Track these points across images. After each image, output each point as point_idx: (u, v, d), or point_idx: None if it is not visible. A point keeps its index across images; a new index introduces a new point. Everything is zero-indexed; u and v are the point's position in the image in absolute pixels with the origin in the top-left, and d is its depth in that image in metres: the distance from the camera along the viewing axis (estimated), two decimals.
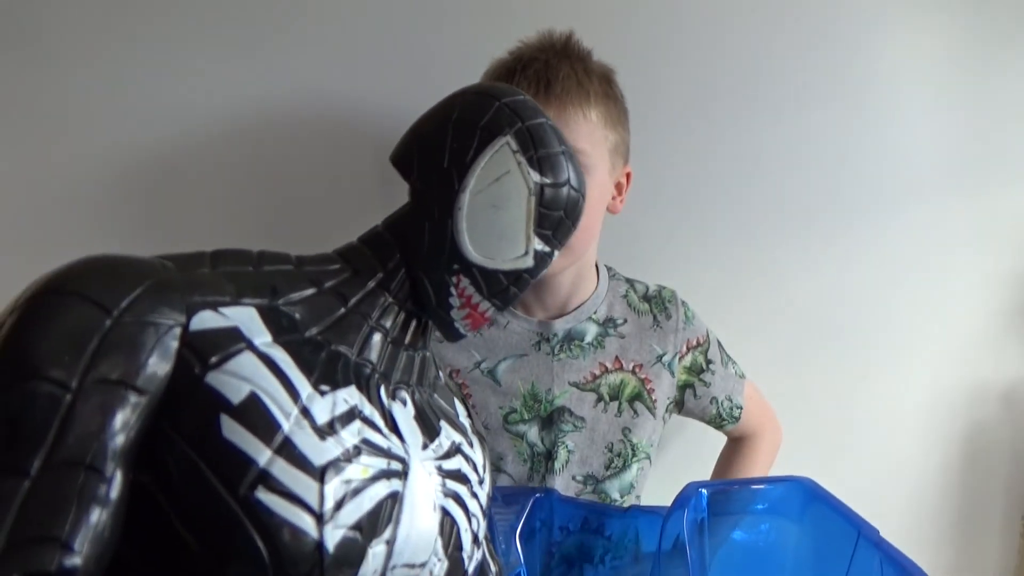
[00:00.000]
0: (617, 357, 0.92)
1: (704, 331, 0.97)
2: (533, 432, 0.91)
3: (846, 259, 1.12)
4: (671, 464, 1.06)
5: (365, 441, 0.45)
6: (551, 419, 0.91)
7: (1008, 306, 1.14)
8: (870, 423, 1.15)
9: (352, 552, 0.42)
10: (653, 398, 0.93)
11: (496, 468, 0.91)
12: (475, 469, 0.53)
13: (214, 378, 0.42)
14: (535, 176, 0.49)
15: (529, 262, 0.50)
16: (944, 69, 1.10)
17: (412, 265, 0.51)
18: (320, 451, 0.42)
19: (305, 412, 0.43)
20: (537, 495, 0.79)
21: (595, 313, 0.94)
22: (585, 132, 0.84)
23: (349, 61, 1.07)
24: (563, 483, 0.90)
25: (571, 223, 0.52)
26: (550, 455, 0.91)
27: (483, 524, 0.53)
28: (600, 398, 0.92)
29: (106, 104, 1.05)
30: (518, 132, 0.49)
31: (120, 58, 1.05)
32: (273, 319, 0.45)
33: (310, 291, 0.48)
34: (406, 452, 0.47)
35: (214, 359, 0.42)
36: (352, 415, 0.45)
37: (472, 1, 1.06)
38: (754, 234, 1.11)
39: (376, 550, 0.44)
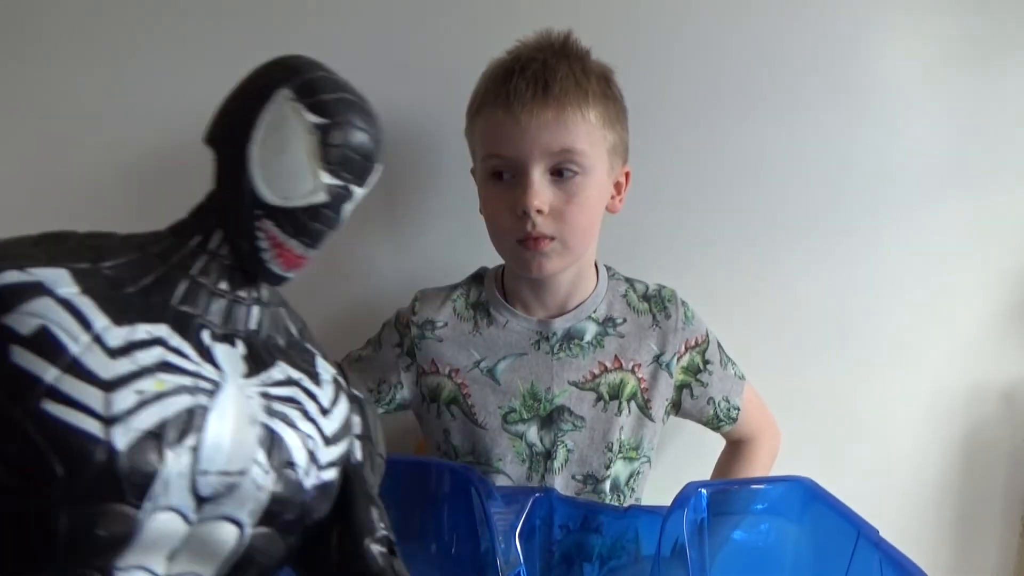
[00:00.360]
0: (617, 356, 0.92)
1: (704, 331, 0.96)
2: (532, 431, 0.91)
3: (847, 259, 1.12)
4: (671, 464, 1.05)
5: (165, 363, 0.49)
6: (550, 418, 0.91)
7: (1008, 306, 1.14)
8: (870, 423, 1.15)
9: (148, 453, 0.45)
10: (651, 398, 0.93)
11: (495, 468, 0.91)
12: (314, 400, 0.57)
13: (9, 318, 0.46)
14: (313, 118, 0.54)
15: (323, 196, 0.55)
16: (945, 70, 1.10)
17: (225, 222, 0.56)
18: (109, 367, 0.46)
19: (97, 339, 0.47)
20: (537, 495, 0.79)
21: (594, 312, 0.94)
22: (584, 132, 0.84)
23: (348, 61, 1.06)
24: (562, 482, 0.90)
25: (361, 157, 0.56)
26: (549, 454, 0.91)
27: (326, 448, 0.56)
28: (600, 397, 0.91)
29: (106, 104, 1.05)
30: (296, 85, 0.54)
31: (120, 58, 1.05)
32: (88, 277, 0.50)
33: (133, 255, 0.54)
34: (221, 377, 0.51)
35: (11, 305, 0.46)
36: (153, 343, 0.49)
37: (472, 1, 1.06)
38: (753, 234, 1.11)
39: (178, 453, 0.47)
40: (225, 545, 0.51)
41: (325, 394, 0.59)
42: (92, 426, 0.44)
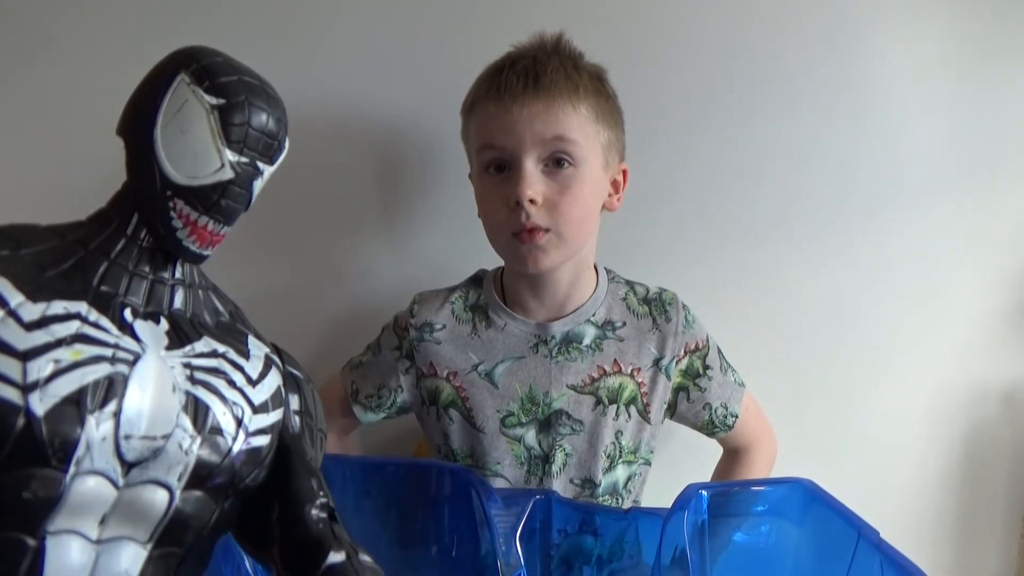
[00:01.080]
0: (616, 360, 0.92)
1: (704, 336, 0.96)
2: (531, 435, 0.91)
3: (847, 260, 1.12)
4: (671, 467, 1.05)
5: (82, 335, 0.50)
6: (549, 422, 0.91)
7: (1008, 306, 1.14)
8: (870, 424, 1.15)
9: (67, 419, 0.47)
10: (651, 402, 0.93)
11: (493, 472, 0.90)
12: (240, 370, 0.59)
13: None
14: (211, 99, 0.56)
15: (229, 173, 0.57)
16: (944, 71, 1.10)
17: (140, 205, 0.58)
18: (24, 339, 0.48)
19: (12, 314, 0.49)
20: (537, 497, 0.79)
21: (593, 315, 0.93)
22: (575, 124, 0.84)
23: (348, 63, 1.07)
24: (560, 486, 0.90)
25: (264, 135, 0.58)
26: (547, 458, 0.91)
27: (255, 416, 0.58)
28: (599, 401, 0.91)
29: (107, 104, 1.04)
30: (193, 70, 0.57)
31: (121, 58, 1.04)
32: (6, 262, 0.52)
33: (54, 242, 0.56)
34: (141, 348, 0.53)
35: None
36: (70, 317, 0.51)
37: (469, 6, 1.06)
38: (752, 235, 1.11)
39: (99, 419, 0.48)
40: (156, 508, 0.52)
41: (253, 367, 0.60)
42: (10, 393, 0.46)
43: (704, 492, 0.72)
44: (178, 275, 0.59)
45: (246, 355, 0.61)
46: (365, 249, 1.11)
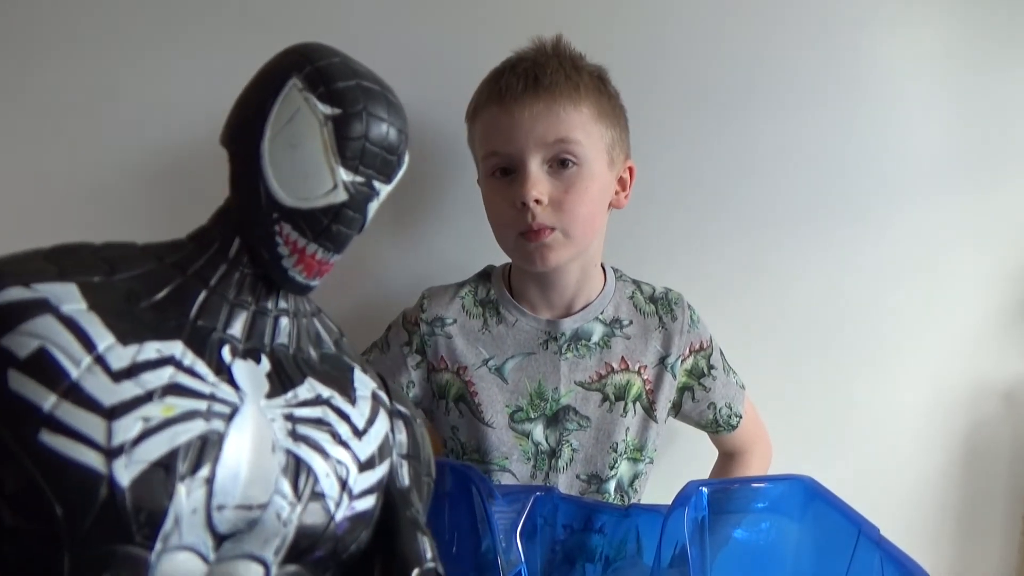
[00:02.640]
0: (623, 358, 0.93)
1: (708, 336, 0.97)
2: (538, 430, 0.91)
3: (847, 258, 1.12)
4: (671, 464, 1.06)
5: (175, 385, 0.44)
6: (556, 418, 0.91)
7: (1009, 304, 1.14)
8: (871, 421, 1.15)
9: (155, 488, 0.41)
10: (656, 400, 0.93)
11: (501, 466, 0.91)
12: (347, 420, 0.52)
13: (8, 340, 0.43)
14: (325, 109, 0.49)
15: (342, 195, 0.50)
16: (943, 67, 1.10)
17: (243, 228, 0.52)
18: (112, 392, 0.42)
19: (99, 359, 0.43)
20: (538, 493, 0.79)
21: (602, 313, 0.94)
22: (577, 123, 0.85)
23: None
24: (567, 482, 0.91)
25: (382, 150, 0.51)
26: (554, 453, 0.91)
27: (361, 475, 0.51)
28: (606, 398, 0.92)
29: (106, 105, 1.05)
30: (307, 73, 0.50)
31: (121, 59, 1.05)
32: (99, 291, 0.47)
33: (150, 266, 0.50)
34: (239, 398, 0.47)
35: (11, 325, 0.43)
36: (163, 363, 0.45)
37: (472, 11, 1.07)
38: (753, 233, 1.11)
39: (191, 487, 0.43)
40: None
41: (360, 413, 0.54)
42: (92, 459, 0.41)
43: (704, 489, 0.72)
44: (282, 304, 0.54)
45: (352, 399, 0.54)
46: (373, 246, 1.11)
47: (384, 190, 0.53)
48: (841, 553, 0.68)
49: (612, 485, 0.92)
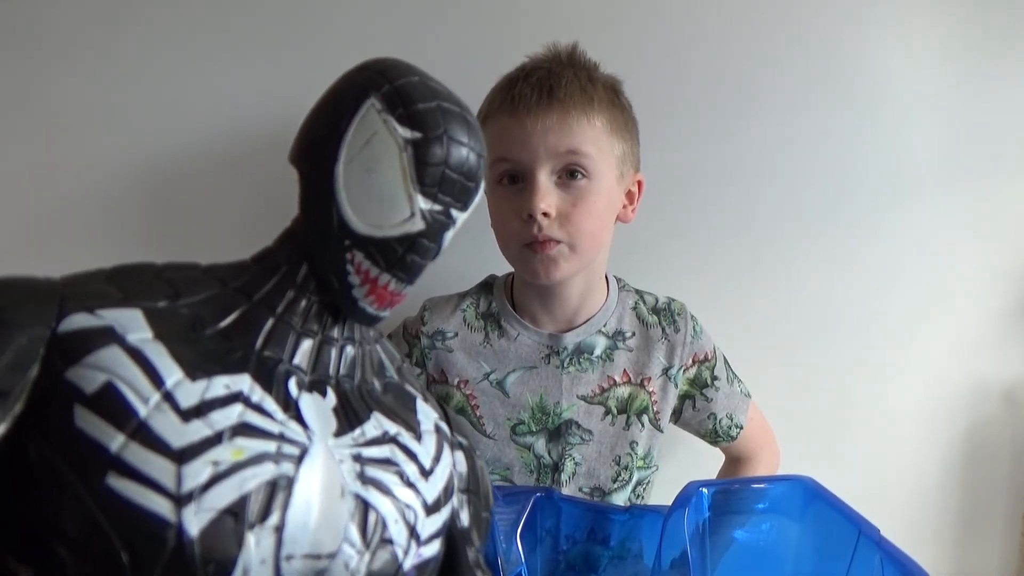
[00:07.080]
0: (626, 370, 0.92)
1: (712, 347, 0.96)
2: (540, 444, 0.91)
3: (848, 259, 1.13)
4: (672, 468, 1.05)
5: (245, 424, 0.42)
6: (558, 432, 0.91)
7: (1009, 304, 1.14)
8: (871, 422, 1.15)
9: (225, 537, 0.39)
10: (661, 411, 0.93)
11: (503, 478, 0.91)
12: (414, 460, 0.50)
13: (73, 373, 0.41)
14: (405, 132, 0.47)
15: (419, 224, 0.48)
16: (943, 67, 1.10)
17: (312, 253, 0.50)
18: (181, 433, 0.40)
19: (168, 396, 0.41)
20: (537, 494, 0.79)
21: (604, 326, 0.93)
22: (590, 136, 0.84)
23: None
24: (570, 494, 0.90)
25: (461, 176, 0.48)
26: (557, 467, 0.91)
27: (427, 519, 0.49)
28: (608, 411, 0.91)
29: (107, 105, 1.05)
30: (384, 93, 0.47)
31: (121, 60, 1.05)
32: (163, 318, 0.45)
33: (215, 290, 0.48)
34: (308, 438, 0.45)
35: (77, 356, 0.41)
36: (232, 399, 0.43)
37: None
38: (754, 234, 1.12)
39: (260, 536, 0.40)
40: None
41: (426, 450, 0.51)
42: (161, 506, 0.38)
43: (705, 490, 0.72)
44: (347, 332, 0.51)
45: (418, 434, 0.52)
46: None
47: (460, 218, 0.51)
48: (842, 553, 0.68)
49: (616, 498, 0.91)
